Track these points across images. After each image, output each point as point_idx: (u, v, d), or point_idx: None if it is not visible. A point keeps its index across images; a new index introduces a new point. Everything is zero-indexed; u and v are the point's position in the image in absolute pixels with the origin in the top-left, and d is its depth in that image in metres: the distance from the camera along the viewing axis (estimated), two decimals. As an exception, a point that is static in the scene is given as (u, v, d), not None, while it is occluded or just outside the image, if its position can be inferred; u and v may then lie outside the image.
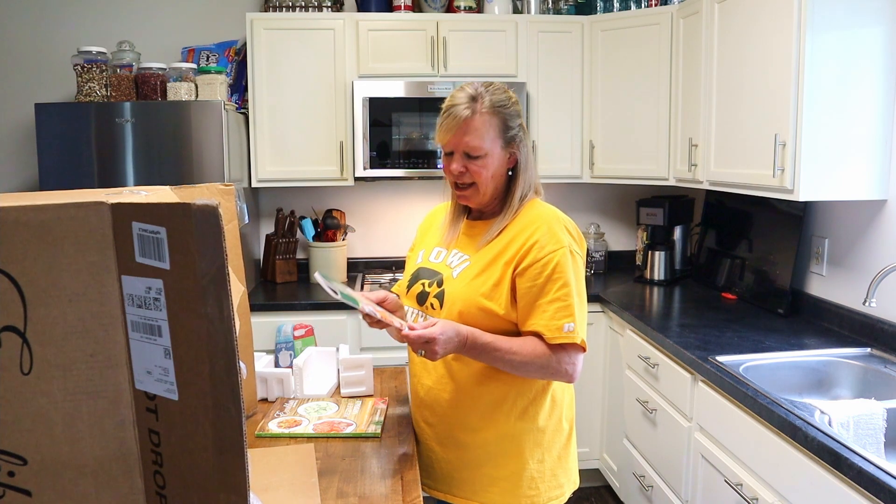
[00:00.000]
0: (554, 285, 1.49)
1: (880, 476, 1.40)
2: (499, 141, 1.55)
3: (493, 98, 1.55)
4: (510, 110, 1.57)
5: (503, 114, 1.55)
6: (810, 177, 2.21)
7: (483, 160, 1.54)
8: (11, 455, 0.66)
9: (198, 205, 0.61)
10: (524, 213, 1.59)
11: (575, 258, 1.53)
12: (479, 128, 1.53)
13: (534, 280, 1.50)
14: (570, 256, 1.52)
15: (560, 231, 1.53)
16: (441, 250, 1.67)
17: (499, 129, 1.55)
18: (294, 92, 3.24)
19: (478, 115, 1.53)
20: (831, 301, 2.53)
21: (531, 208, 1.60)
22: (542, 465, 1.59)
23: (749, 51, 2.47)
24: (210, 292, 0.63)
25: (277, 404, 1.75)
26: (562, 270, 1.50)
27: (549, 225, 1.54)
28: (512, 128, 1.57)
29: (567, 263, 1.51)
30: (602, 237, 3.75)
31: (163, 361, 0.65)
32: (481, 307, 1.52)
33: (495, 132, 1.54)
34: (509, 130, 1.56)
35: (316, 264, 3.45)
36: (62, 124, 2.84)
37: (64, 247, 0.63)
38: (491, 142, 1.54)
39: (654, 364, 2.52)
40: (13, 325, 0.63)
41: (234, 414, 0.66)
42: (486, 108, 1.53)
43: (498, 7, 3.41)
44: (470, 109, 1.53)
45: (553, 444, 1.61)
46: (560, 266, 1.50)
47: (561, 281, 1.49)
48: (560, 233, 1.53)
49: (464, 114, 1.52)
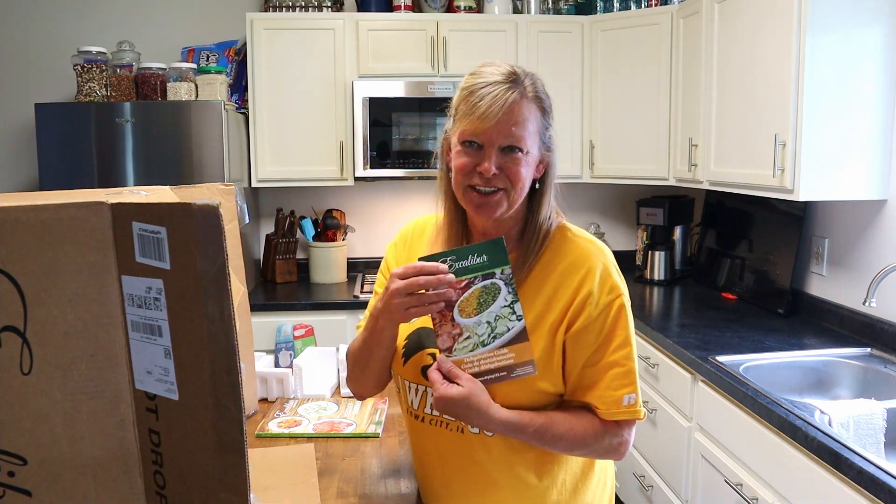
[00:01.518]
0: (610, 346, 1.20)
1: (880, 476, 1.40)
2: (537, 137, 1.21)
3: (537, 84, 1.22)
4: (548, 102, 1.24)
5: (546, 106, 1.23)
6: (810, 177, 2.21)
7: (525, 157, 1.19)
8: (11, 455, 0.66)
9: (198, 205, 0.61)
10: (560, 244, 1.25)
11: (629, 309, 1.23)
12: (527, 116, 1.18)
13: (590, 345, 1.20)
14: (627, 310, 1.22)
15: (614, 274, 1.22)
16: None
17: (540, 124, 1.21)
18: (294, 92, 3.24)
19: (525, 101, 1.18)
20: (831, 301, 2.53)
21: (566, 238, 1.26)
22: None
23: (749, 51, 2.47)
24: (211, 292, 0.63)
25: (277, 404, 1.75)
26: (621, 327, 1.21)
27: (602, 268, 1.21)
28: (550, 126, 1.24)
29: (626, 318, 1.21)
30: (602, 237, 3.74)
31: (163, 361, 0.65)
32: (533, 390, 1.19)
33: (536, 126, 1.20)
34: (548, 128, 1.24)
35: (316, 264, 3.45)
36: (62, 124, 2.84)
37: (64, 247, 0.63)
38: (533, 136, 1.20)
39: (654, 364, 2.52)
40: (13, 325, 0.63)
41: (234, 414, 0.65)
42: (532, 93, 1.20)
43: (498, 7, 3.41)
44: (517, 92, 1.17)
45: None
46: (619, 322, 1.20)
47: (619, 340, 1.20)
48: (614, 277, 1.22)
49: (510, 97, 1.16)
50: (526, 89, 1.19)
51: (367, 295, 3.12)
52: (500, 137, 1.17)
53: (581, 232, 1.28)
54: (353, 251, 3.68)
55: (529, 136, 1.19)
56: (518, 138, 1.17)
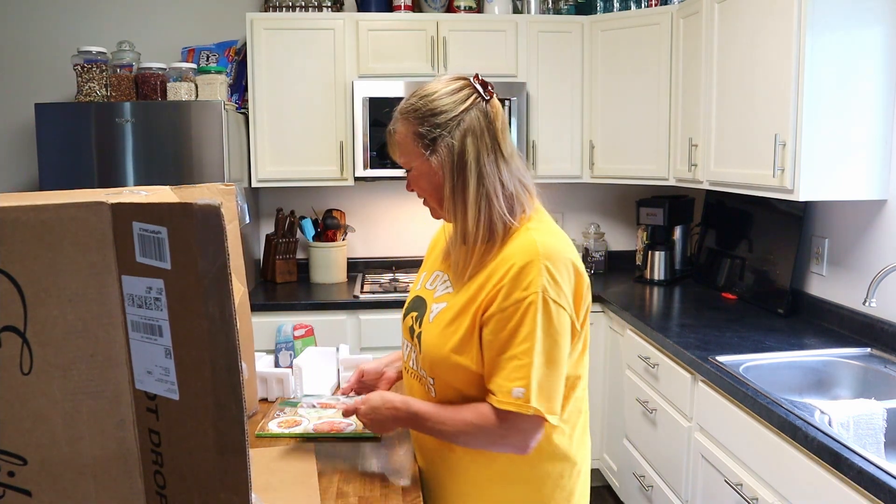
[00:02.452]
0: (515, 339, 1.26)
1: (880, 476, 1.40)
2: (417, 149, 1.34)
3: (405, 104, 1.36)
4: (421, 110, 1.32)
5: (414, 117, 1.33)
6: (810, 177, 2.21)
7: (413, 174, 1.38)
8: (11, 455, 0.66)
9: (200, 204, 0.61)
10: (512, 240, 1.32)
11: (549, 308, 1.26)
12: (399, 142, 1.37)
13: (496, 333, 1.27)
14: (543, 306, 1.25)
15: (535, 273, 1.26)
16: (439, 274, 1.46)
17: (413, 138, 1.33)
18: (294, 92, 3.24)
19: (396, 127, 1.37)
20: (831, 301, 2.53)
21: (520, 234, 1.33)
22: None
23: (749, 51, 2.47)
24: (212, 292, 0.63)
25: (277, 404, 1.75)
26: (528, 324, 1.25)
27: (527, 264, 1.26)
28: (425, 132, 1.32)
29: (535, 315, 1.25)
30: (602, 237, 3.75)
31: (163, 361, 0.65)
32: (452, 364, 1.32)
33: (410, 141, 1.34)
34: (426, 136, 1.32)
35: (316, 264, 3.45)
36: (62, 124, 2.84)
37: (64, 247, 0.63)
38: (410, 153, 1.35)
39: (654, 364, 2.52)
40: (13, 325, 0.63)
41: (235, 414, 0.65)
42: (398, 117, 1.36)
43: (498, 7, 3.41)
44: (393, 121, 1.38)
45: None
46: (525, 318, 1.25)
47: (523, 335, 1.25)
48: (534, 275, 1.26)
49: (389, 128, 1.39)
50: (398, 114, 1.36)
51: (368, 295, 3.12)
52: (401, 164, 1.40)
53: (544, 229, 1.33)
54: (353, 251, 3.68)
55: (406, 156, 1.37)
56: (403, 162, 1.39)
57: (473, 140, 1.32)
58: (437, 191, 1.35)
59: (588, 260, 3.69)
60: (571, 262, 1.30)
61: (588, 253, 3.70)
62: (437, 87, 1.34)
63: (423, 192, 1.39)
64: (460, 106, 1.32)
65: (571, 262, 1.30)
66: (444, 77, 1.37)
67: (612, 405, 3.12)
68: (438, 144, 1.32)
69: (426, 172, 1.35)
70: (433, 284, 1.45)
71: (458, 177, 1.32)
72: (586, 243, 3.72)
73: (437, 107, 1.32)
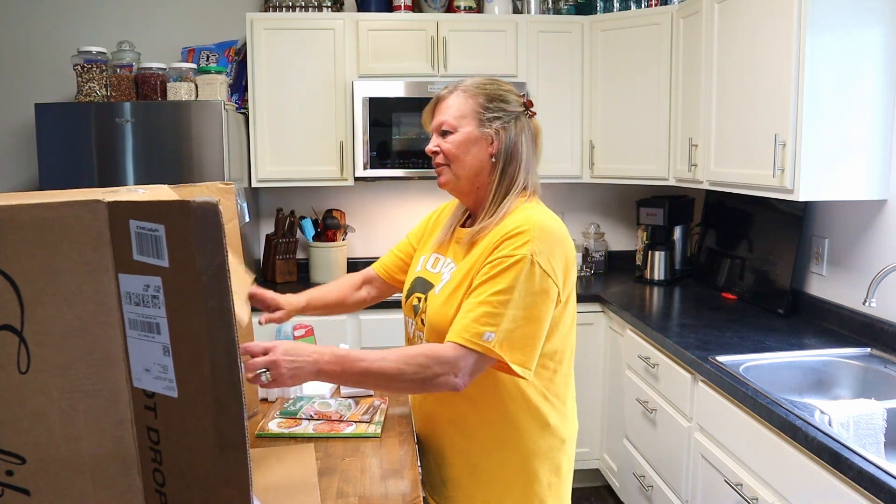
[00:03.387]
0: (491, 287, 1.32)
1: (880, 476, 1.40)
2: (473, 119, 1.46)
3: (474, 80, 1.50)
4: (491, 91, 1.48)
5: (482, 93, 1.47)
6: (810, 177, 2.20)
7: (453, 136, 1.46)
8: (10, 454, 0.66)
9: (197, 202, 0.61)
10: (509, 216, 1.43)
11: (534, 270, 1.33)
12: (451, 105, 1.47)
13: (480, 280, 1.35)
14: (529, 266, 1.33)
15: (528, 237, 1.35)
16: (438, 257, 1.56)
17: (474, 108, 1.46)
18: (294, 92, 3.24)
19: (452, 95, 1.48)
20: (831, 301, 2.53)
21: (519, 211, 1.44)
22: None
23: (749, 51, 2.47)
24: (210, 289, 0.63)
25: (277, 404, 1.75)
26: (510, 277, 1.32)
27: (519, 229, 1.36)
28: (491, 108, 1.46)
29: (520, 273, 1.32)
30: (602, 237, 3.75)
31: (161, 359, 0.65)
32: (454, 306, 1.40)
33: (469, 109, 1.46)
34: (488, 111, 1.46)
35: (316, 264, 3.45)
36: (62, 124, 2.84)
37: (61, 246, 0.63)
38: (463, 118, 1.46)
39: (654, 364, 2.52)
40: (10, 325, 0.63)
41: (235, 410, 0.65)
42: (463, 88, 1.48)
43: (498, 7, 3.41)
44: (448, 90, 1.49)
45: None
46: (510, 272, 1.32)
47: (502, 286, 1.31)
48: (526, 238, 1.35)
49: (441, 94, 1.50)
50: (460, 87, 1.48)
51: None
52: (434, 125, 1.49)
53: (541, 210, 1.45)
54: (353, 251, 3.68)
55: (456, 118, 1.45)
56: (443, 122, 1.47)
57: (526, 139, 1.50)
58: (472, 159, 1.46)
59: (588, 260, 3.69)
60: (562, 237, 1.40)
61: (588, 253, 3.70)
62: (501, 82, 1.50)
63: (456, 156, 1.46)
64: (519, 107, 1.50)
65: (562, 237, 1.40)
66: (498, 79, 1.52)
67: (612, 405, 3.11)
68: (495, 125, 1.46)
69: (473, 139, 1.45)
70: (436, 267, 1.54)
71: (508, 161, 1.46)
72: (586, 243, 3.72)
73: (505, 95, 1.48)
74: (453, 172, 1.48)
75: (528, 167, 1.50)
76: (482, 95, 1.47)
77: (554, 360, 1.46)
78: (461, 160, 1.46)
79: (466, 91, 1.47)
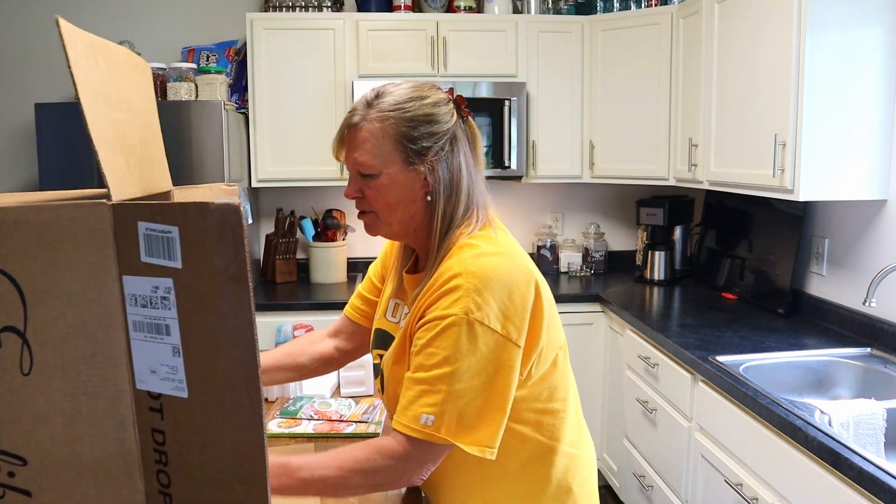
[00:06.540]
0: (426, 359, 1.11)
1: (880, 476, 1.40)
2: (397, 156, 1.17)
3: (393, 98, 1.18)
4: (414, 112, 1.17)
5: (403, 119, 1.17)
6: (810, 177, 2.21)
7: (376, 181, 1.18)
8: (11, 455, 0.66)
9: (217, 204, 0.61)
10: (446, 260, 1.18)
11: (474, 331, 1.09)
12: (367, 139, 1.17)
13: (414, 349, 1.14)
14: (468, 329, 1.09)
15: (465, 293, 1.10)
16: (397, 302, 1.33)
17: (396, 141, 1.17)
18: (294, 92, 3.24)
19: (367, 124, 1.17)
20: (831, 301, 2.53)
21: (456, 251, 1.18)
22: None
23: (749, 51, 2.47)
24: (229, 289, 0.62)
25: (278, 404, 1.75)
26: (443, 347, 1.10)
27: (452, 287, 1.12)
28: (417, 138, 1.17)
29: (457, 338, 1.09)
30: (602, 237, 3.75)
31: (170, 360, 0.65)
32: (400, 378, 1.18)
33: (390, 145, 1.17)
34: (413, 142, 1.17)
35: (316, 264, 3.45)
36: (62, 124, 2.84)
37: (64, 247, 0.63)
38: (384, 156, 1.17)
39: (654, 364, 2.52)
40: (13, 326, 0.63)
41: (253, 407, 0.65)
42: (378, 112, 1.17)
43: (498, 7, 3.41)
44: (360, 115, 1.18)
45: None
46: (444, 338, 1.10)
47: (437, 359, 1.10)
48: (462, 296, 1.10)
49: (352, 121, 1.19)
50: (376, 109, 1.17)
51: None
52: (349, 162, 1.20)
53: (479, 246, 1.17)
54: (353, 251, 3.68)
55: (377, 158, 1.17)
56: (362, 164, 1.18)
57: (465, 157, 1.22)
58: (404, 204, 1.20)
59: (588, 260, 3.69)
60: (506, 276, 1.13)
61: (588, 253, 3.70)
62: (424, 94, 1.20)
63: (382, 204, 1.21)
64: (451, 118, 1.21)
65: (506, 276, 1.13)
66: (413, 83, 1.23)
67: (612, 405, 3.11)
68: (428, 159, 1.18)
69: (400, 183, 1.19)
70: (395, 316, 1.32)
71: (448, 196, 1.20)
72: (586, 243, 3.72)
73: (433, 114, 1.19)
74: (383, 221, 1.24)
75: (471, 187, 1.22)
76: (404, 122, 1.17)
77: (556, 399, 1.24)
78: (391, 207, 1.21)
79: (384, 117, 1.17)
